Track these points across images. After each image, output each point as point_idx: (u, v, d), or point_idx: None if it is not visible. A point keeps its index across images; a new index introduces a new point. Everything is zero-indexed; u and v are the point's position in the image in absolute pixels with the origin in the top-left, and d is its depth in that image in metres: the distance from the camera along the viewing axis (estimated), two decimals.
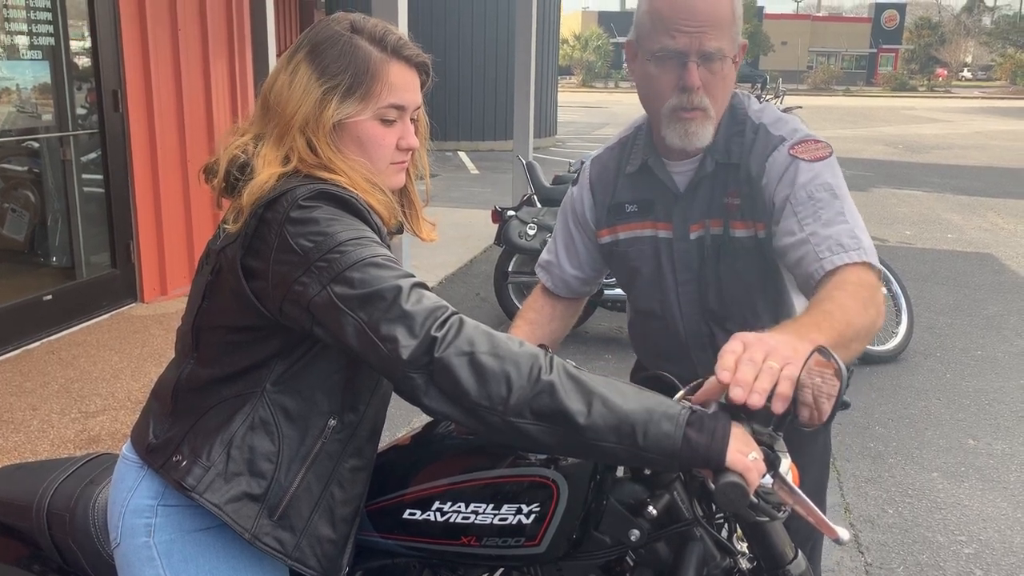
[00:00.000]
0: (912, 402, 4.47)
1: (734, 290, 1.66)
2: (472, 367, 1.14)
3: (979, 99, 42.01)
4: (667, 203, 1.68)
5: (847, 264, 1.43)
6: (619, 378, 1.24)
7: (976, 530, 3.23)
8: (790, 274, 1.60)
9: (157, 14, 5.25)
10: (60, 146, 5.15)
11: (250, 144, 1.32)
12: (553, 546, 1.35)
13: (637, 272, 1.73)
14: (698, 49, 1.52)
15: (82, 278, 5.25)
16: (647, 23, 1.56)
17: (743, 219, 1.61)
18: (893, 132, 21.82)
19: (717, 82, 1.55)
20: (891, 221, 9.53)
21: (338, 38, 1.33)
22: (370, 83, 1.32)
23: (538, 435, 1.15)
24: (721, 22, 1.53)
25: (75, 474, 1.57)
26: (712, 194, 1.64)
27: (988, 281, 7.01)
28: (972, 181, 13.05)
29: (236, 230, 1.27)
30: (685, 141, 1.58)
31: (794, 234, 1.50)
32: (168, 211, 5.49)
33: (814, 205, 1.50)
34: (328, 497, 1.35)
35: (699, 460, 1.12)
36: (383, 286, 1.18)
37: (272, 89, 1.33)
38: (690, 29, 1.50)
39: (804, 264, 1.47)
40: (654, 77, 1.57)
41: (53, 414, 3.83)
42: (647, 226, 1.70)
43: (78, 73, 5.14)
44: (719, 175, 1.63)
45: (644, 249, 1.71)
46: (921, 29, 62.32)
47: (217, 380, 1.32)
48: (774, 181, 1.56)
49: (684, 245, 1.66)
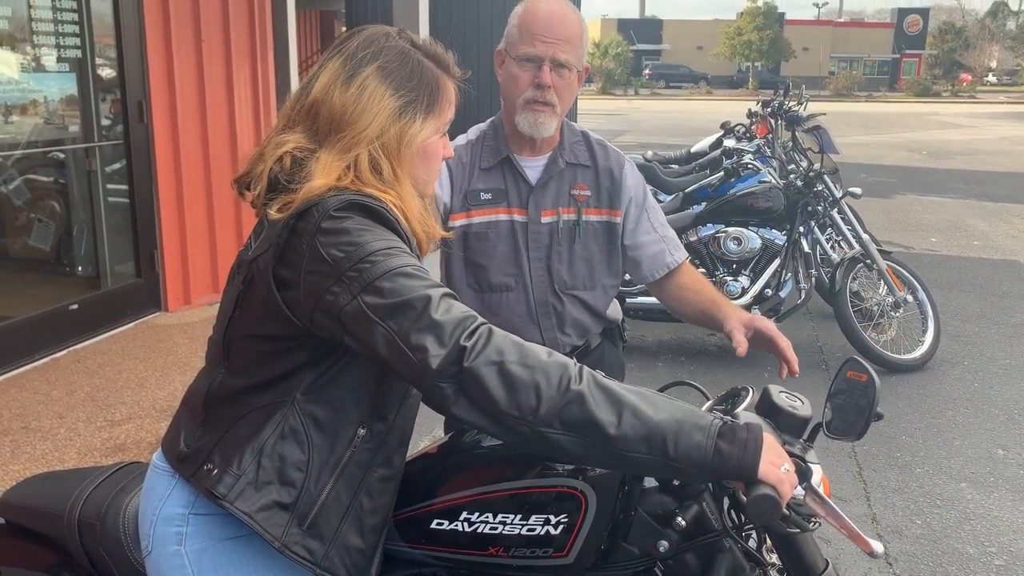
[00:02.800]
0: (940, 411, 4.41)
1: (581, 265, 2.06)
2: (501, 377, 1.14)
3: (1005, 104, 41.54)
4: (521, 192, 2.04)
5: (686, 258, 2.16)
6: (645, 388, 1.24)
7: (1006, 541, 3.18)
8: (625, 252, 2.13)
9: (181, 25, 5.30)
10: (85, 157, 5.20)
11: (304, 143, 1.33)
12: (581, 557, 1.35)
13: (495, 250, 2.03)
14: (552, 57, 1.91)
15: (107, 288, 5.30)
16: (515, 34, 1.95)
17: (597, 207, 2.06)
18: (917, 138, 21.62)
19: (564, 86, 1.94)
20: (916, 228, 9.44)
21: (407, 55, 1.36)
22: (440, 101, 1.38)
23: (567, 445, 1.14)
24: (572, 40, 1.93)
25: (105, 483, 1.58)
26: (560, 187, 2.04)
27: (1016, 289, 6.92)
28: (998, 187, 12.89)
29: (267, 242, 1.27)
30: (533, 129, 1.96)
31: (650, 233, 2.11)
32: (192, 221, 5.53)
33: (656, 212, 2.14)
34: (357, 506, 1.35)
35: (731, 472, 1.11)
36: (413, 296, 1.18)
37: (330, 101, 1.33)
38: (548, 41, 1.90)
39: (661, 256, 2.11)
40: (516, 76, 1.95)
41: (79, 422, 3.87)
42: (502, 211, 2.03)
43: (103, 84, 5.20)
44: (566, 173, 2.05)
45: (501, 231, 2.03)
46: (945, 34, 61.75)
47: (248, 389, 1.33)
48: (632, 185, 2.10)
49: (536, 227, 2.03)
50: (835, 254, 5.30)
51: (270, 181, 1.32)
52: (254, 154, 1.37)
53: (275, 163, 1.31)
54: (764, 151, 6.45)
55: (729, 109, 19.69)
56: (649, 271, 2.13)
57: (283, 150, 1.32)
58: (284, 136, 1.34)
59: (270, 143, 1.36)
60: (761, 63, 57.22)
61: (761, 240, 5.09)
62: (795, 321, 5.54)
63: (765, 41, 54.85)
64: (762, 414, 1.29)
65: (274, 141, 1.35)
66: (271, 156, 1.32)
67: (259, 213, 1.36)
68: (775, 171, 5.76)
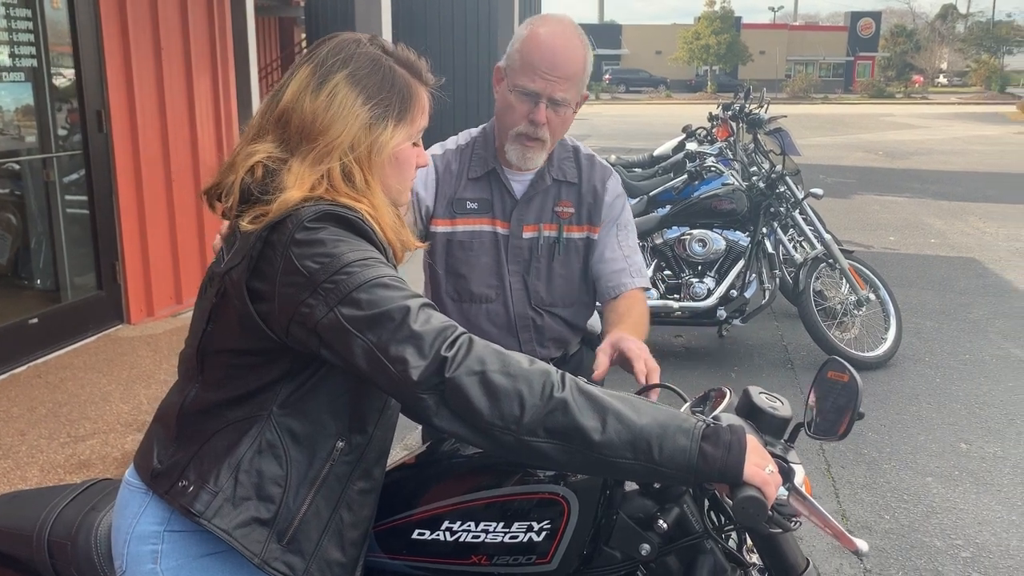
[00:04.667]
0: (904, 407, 4.49)
1: (560, 283, 2.05)
2: (484, 386, 1.13)
3: (955, 104, 42.47)
4: (506, 205, 2.02)
5: (641, 287, 2.06)
6: (626, 392, 1.24)
7: (972, 533, 3.24)
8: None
9: (139, 33, 5.23)
10: (43, 168, 5.10)
11: (275, 153, 1.30)
12: (564, 563, 1.35)
13: (477, 261, 2.02)
14: (550, 95, 1.87)
15: (67, 300, 5.19)
16: (517, 60, 1.90)
17: (579, 224, 2.04)
18: (873, 139, 22.01)
19: (558, 122, 1.93)
20: (874, 227, 9.60)
21: (378, 62, 1.34)
22: (412, 108, 1.36)
23: (552, 453, 1.14)
24: (573, 77, 1.89)
25: (75, 501, 1.55)
26: (544, 203, 2.03)
27: (972, 285, 7.06)
28: (953, 186, 13.17)
29: (240, 254, 1.25)
30: (521, 161, 1.97)
31: (615, 251, 2.06)
32: (153, 231, 5.45)
33: (628, 233, 2.09)
34: (337, 520, 1.33)
35: (715, 474, 1.11)
36: (391, 307, 1.17)
37: (300, 109, 1.31)
38: (548, 78, 1.86)
39: (619, 275, 2.04)
40: (512, 105, 1.91)
41: (42, 439, 3.78)
42: (486, 222, 2.02)
43: (60, 94, 5.10)
44: (552, 189, 2.03)
45: (485, 241, 2.02)
46: (897, 37, 63.00)
47: (223, 403, 1.30)
48: (611, 201, 2.06)
49: (517, 242, 2.02)
50: (798, 254, 5.37)
51: (242, 192, 1.29)
52: (224, 164, 1.35)
53: (246, 174, 1.29)
54: (726, 154, 6.52)
55: (689, 113, 19.85)
56: (605, 289, 2.05)
57: (254, 160, 1.30)
58: (255, 146, 1.32)
59: (240, 153, 1.33)
60: (719, 67, 57.88)
61: (725, 242, 5.14)
62: (760, 321, 5.60)
63: (723, 45, 55.53)
64: (742, 415, 1.30)
65: (244, 151, 1.32)
66: (242, 166, 1.30)
67: (232, 224, 1.33)
68: (738, 173, 5.82)
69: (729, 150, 6.59)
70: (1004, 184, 13.51)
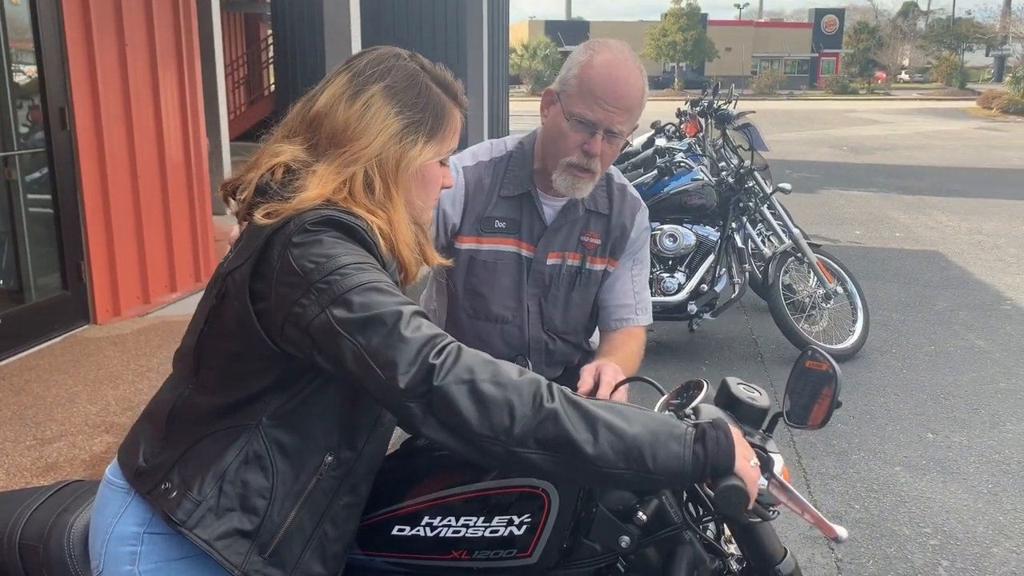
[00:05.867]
0: (872, 398, 4.55)
1: (577, 312, 2.04)
2: (473, 396, 1.12)
3: (917, 100, 43.14)
4: (534, 229, 1.98)
5: (643, 325, 2.08)
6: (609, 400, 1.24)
7: (940, 521, 3.30)
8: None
9: (103, 29, 5.14)
10: (4, 166, 5.00)
11: (301, 155, 1.30)
12: (545, 556, 1.35)
13: (498, 281, 1.98)
14: (608, 126, 1.82)
15: (31, 301, 5.10)
16: (575, 86, 1.83)
17: (602, 256, 2.02)
18: (837, 134, 22.29)
19: (611, 153, 1.88)
20: (840, 221, 9.72)
21: (416, 78, 1.35)
22: (444, 127, 1.36)
23: (543, 464, 1.13)
24: (632, 110, 1.84)
25: (46, 503, 1.52)
26: (571, 231, 1.99)
27: (936, 277, 7.19)
28: (916, 181, 13.38)
29: (246, 252, 1.25)
30: (571, 191, 1.91)
31: (627, 284, 2.06)
32: (119, 230, 5.37)
33: (642, 268, 2.10)
34: (321, 534, 1.32)
35: (707, 475, 1.12)
36: (383, 311, 1.16)
37: (334, 115, 1.31)
38: (609, 109, 1.80)
39: (624, 310, 2.05)
40: (565, 133, 1.85)
41: (7, 442, 3.71)
42: (511, 243, 1.98)
43: (22, 91, 5.01)
44: (581, 219, 1.99)
45: (508, 263, 1.98)
46: (860, 33, 63.70)
47: (213, 409, 1.29)
48: (636, 237, 2.05)
49: (540, 267, 1.99)
50: (767, 249, 5.42)
51: (258, 187, 1.29)
52: (248, 161, 1.34)
53: (266, 172, 1.29)
54: (695, 149, 6.56)
55: (657, 109, 19.97)
56: (608, 320, 2.06)
57: (278, 160, 1.30)
58: (282, 146, 1.32)
59: (266, 151, 1.33)
60: (686, 63, 58.20)
61: (695, 237, 5.17)
62: (730, 315, 5.65)
63: (689, 42, 55.82)
64: (721, 406, 1.31)
65: (271, 150, 1.33)
66: (265, 164, 1.30)
67: (241, 221, 1.32)
68: (707, 169, 5.86)
69: (698, 146, 6.64)
70: (965, 178, 13.76)
